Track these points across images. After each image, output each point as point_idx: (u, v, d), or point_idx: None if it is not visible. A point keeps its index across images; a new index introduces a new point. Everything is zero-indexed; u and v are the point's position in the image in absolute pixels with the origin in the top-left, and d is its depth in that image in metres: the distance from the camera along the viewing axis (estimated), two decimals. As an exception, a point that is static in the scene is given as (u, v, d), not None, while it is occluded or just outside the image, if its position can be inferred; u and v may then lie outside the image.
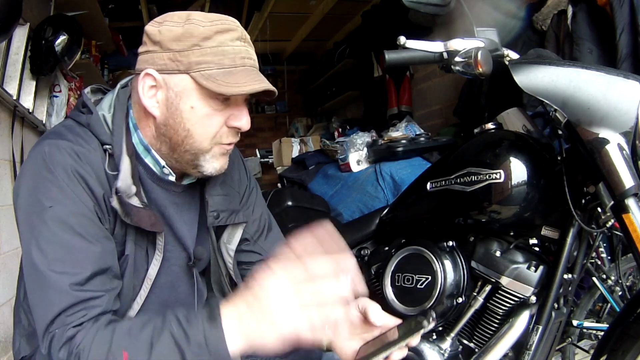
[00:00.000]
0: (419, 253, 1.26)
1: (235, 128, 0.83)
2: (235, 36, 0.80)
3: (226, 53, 0.78)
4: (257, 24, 4.56)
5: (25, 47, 2.19)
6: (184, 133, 0.81)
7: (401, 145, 2.51)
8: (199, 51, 0.77)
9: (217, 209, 0.93)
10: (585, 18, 2.05)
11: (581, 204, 1.06)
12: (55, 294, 0.72)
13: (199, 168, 0.84)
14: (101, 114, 0.83)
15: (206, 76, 0.77)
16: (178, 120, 0.80)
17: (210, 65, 0.77)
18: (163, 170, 0.87)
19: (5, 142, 2.10)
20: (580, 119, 0.98)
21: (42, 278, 0.73)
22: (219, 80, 0.76)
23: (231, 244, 0.99)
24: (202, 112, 0.79)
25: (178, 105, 0.79)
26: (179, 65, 0.78)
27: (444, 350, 1.21)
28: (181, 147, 0.82)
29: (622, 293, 1.46)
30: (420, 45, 1.09)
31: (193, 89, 0.78)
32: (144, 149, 0.86)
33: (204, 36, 0.77)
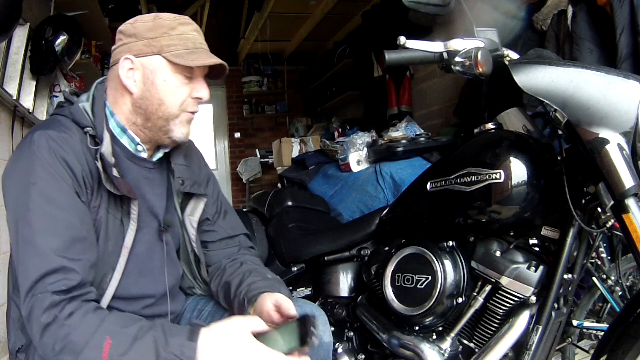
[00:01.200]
0: (419, 253, 1.26)
1: (197, 98, 1.01)
2: (192, 28, 1.00)
3: (188, 39, 0.97)
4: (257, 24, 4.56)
5: (25, 47, 2.20)
6: (158, 102, 0.97)
7: (401, 145, 2.51)
8: (168, 37, 0.96)
9: (182, 176, 1.09)
10: (585, 18, 2.05)
11: (581, 204, 1.06)
12: (38, 258, 0.83)
13: (169, 133, 1.00)
14: (81, 105, 0.98)
15: (175, 55, 0.95)
16: (153, 91, 0.97)
17: (177, 47, 0.96)
18: (137, 147, 1.02)
19: (5, 142, 2.10)
20: (580, 119, 0.98)
21: (27, 245, 0.84)
22: (185, 57, 0.95)
23: (194, 216, 1.12)
24: (173, 84, 0.97)
25: (153, 80, 0.97)
26: (152, 48, 0.96)
27: (444, 350, 1.21)
28: (155, 115, 0.98)
29: (622, 293, 1.46)
30: (420, 45, 1.09)
31: (165, 66, 0.97)
32: (120, 130, 1.00)
33: (170, 27, 0.96)
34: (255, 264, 1.15)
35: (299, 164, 3.45)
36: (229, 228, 1.19)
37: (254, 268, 1.11)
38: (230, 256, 1.17)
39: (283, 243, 1.69)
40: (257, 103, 6.03)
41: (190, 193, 1.11)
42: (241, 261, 1.15)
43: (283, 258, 1.69)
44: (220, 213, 1.19)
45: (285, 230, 1.73)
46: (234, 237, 1.20)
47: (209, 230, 1.17)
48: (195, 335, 0.81)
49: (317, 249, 1.62)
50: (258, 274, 1.09)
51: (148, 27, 0.97)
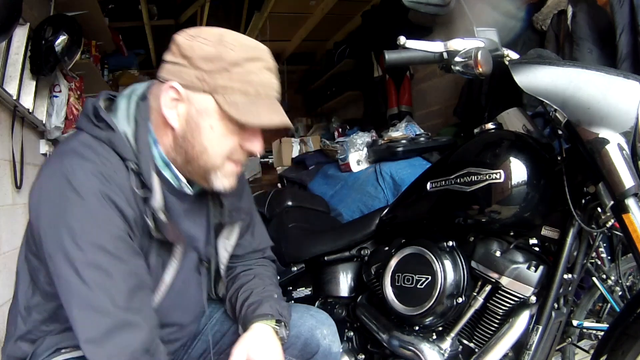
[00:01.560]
0: (419, 253, 1.26)
1: (248, 152, 0.87)
2: (263, 66, 0.84)
3: (252, 82, 0.81)
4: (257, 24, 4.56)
5: (25, 47, 2.19)
6: (201, 148, 0.84)
7: (401, 145, 2.51)
8: (227, 75, 0.80)
9: (231, 208, 0.99)
10: (585, 18, 2.05)
11: (581, 204, 1.06)
12: (98, 315, 0.75)
13: (210, 183, 0.88)
14: (122, 130, 0.83)
15: (229, 102, 0.80)
16: (196, 135, 0.83)
17: (235, 92, 0.80)
18: (181, 184, 0.90)
19: (5, 142, 2.10)
20: (580, 119, 0.98)
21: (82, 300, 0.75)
22: (241, 108, 0.80)
23: (230, 240, 1.03)
24: (220, 132, 0.83)
25: (198, 122, 0.83)
26: (204, 85, 0.81)
27: (444, 350, 1.21)
28: (196, 161, 0.85)
29: (622, 293, 1.46)
30: (420, 45, 1.09)
31: (214, 111, 0.82)
32: (163, 163, 0.88)
33: (233, 62, 0.80)
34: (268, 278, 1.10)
35: (299, 164, 3.45)
36: (255, 242, 1.13)
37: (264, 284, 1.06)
38: (247, 265, 1.13)
39: (283, 243, 1.69)
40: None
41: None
42: (254, 273, 1.10)
43: (283, 258, 1.69)
44: (249, 227, 1.12)
45: (285, 230, 1.73)
46: (259, 251, 1.15)
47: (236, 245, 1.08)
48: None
49: (317, 249, 1.62)
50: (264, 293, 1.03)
51: (206, 54, 0.80)
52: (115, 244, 0.77)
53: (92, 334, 0.75)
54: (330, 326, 1.11)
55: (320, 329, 1.09)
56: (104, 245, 0.76)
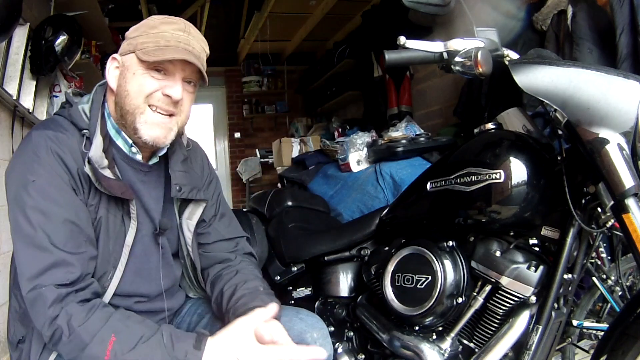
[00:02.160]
0: (419, 253, 1.26)
1: (167, 95, 0.98)
2: (177, 27, 0.99)
3: (164, 37, 0.96)
4: (257, 24, 4.56)
5: (25, 47, 2.20)
6: (125, 93, 0.98)
7: (401, 145, 2.51)
8: (145, 36, 0.97)
9: (179, 182, 1.07)
10: (585, 18, 2.05)
11: (581, 204, 1.06)
12: (37, 252, 0.86)
13: (138, 132, 0.98)
14: (80, 107, 1.00)
15: (144, 52, 0.96)
16: (123, 85, 0.98)
17: (149, 45, 0.96)
18: (131, 149, 1.02)
19: (5, 142, 2.10)
20: (580, 119, 0.98)
21: (26, 240, 0.87)
22: (150, 52, 0.95)
23: (192, 220, 1.12)
24: (140, 77, 0.97)
25: (125, 75, 0.98)
26: (130, 47, 0.98)
27: (444, 350, 1.21)
28: (124, 109, 0.98)
29: (622, 293, 1.46)
30: (420, 45, 1.09)
31: (136, 62, 0.97)
32: (115, 132, 1.02)
33: (152, 26, 0.98)
34: (250, 273, 1.14)
35: (299, 164, 3.45)
36: (224, 230, 1.19)
37: (247, 278, 1.10)
38: (226, 261, 1.17)
39: (283, 243, 1.69)
40: (257, 103, 6.03)
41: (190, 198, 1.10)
42: (237, 269, 1.14)
43: (283, 258, 1.69)
44: (217, 215, 1.19)
45: (285, 230, 1.73)
46: (230, 240, 1.19)
47: (203, 232, 1.16)
48: (202, 344, 0.85)
49: (317, 249, 1.62)
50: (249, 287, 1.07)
51: (134, 28, 1.00)
52: (59, 192, 0.90)
53: (33, 270, 0.85)
54: (320, 329, 1.09)
55: (310, 332, 1.07)
56: (48, 193, 0.89)
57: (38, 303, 0.84)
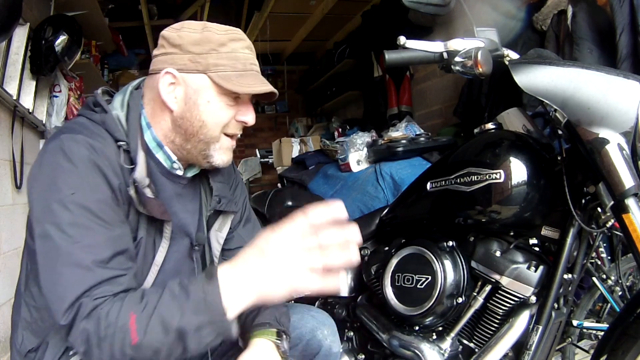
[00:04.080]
0: (419, 253, 1.26)
1: (242, 122, 0.94)
2: (244, 45, 0.92)
3: (238, 58, 0.90)
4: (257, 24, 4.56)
5: (25, 47, 2.20)
6: (199, 124, 0.91)
7: (401, 145, 2.51)
8: (216, 55, 0.88)
9: (220, 194, 1.03)
10: (585, 18, 2.05)
11: (581, 204, 1.06)
12: (80, 271, 0.77)
13: (209, 158, 0.94)
14: (115, 113, 0.90)
15: (222, 76, 0.88)
16: (195, 112, 0.90)
17: (225, 68, 0.89)
18: (173, 165, 0.96)
19: (5, 142, 2.10)
20: (580, 119, 0.98)
21: (66, 258, 0.78)
22: (233, 80, 0.88)
23: (222, 232, 1.07)
24: (217, 105, 0.91)
25: (196, 100, 0.90)
26: (197, 65, 0.88)
27: (444, 350, 1.21)
28: (195, 137, 0.92)
29: (622, 293, 1.46)
30: (420, 45, 1.09)
31: (210, 87, 0.89)
32: (156, 145, 0.94)
33: (220, 42, 0.89)
34: None
35: (299, 164, 3.44)
36: (247, 237, 1.12)
37: None
38: None
39: (283, 243, 1.69)
40: (257, 103, 6.01)
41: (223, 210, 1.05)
42: None
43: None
44: (242, 221, 1.14)
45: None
46: None
47: (228, 239, 1.10)
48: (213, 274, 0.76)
49: (317, 249, 1.62)
50: None
51: (195, 40, 0.88)
52: (100, 207, 0.81)
53: (76, 291, 0.76)
54: (330, 326, 1.12)
55: (321, 329, 1.10)
56: (89, 207, 0.80)
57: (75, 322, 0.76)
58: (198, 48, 0.88)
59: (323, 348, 1.09)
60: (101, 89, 0.97)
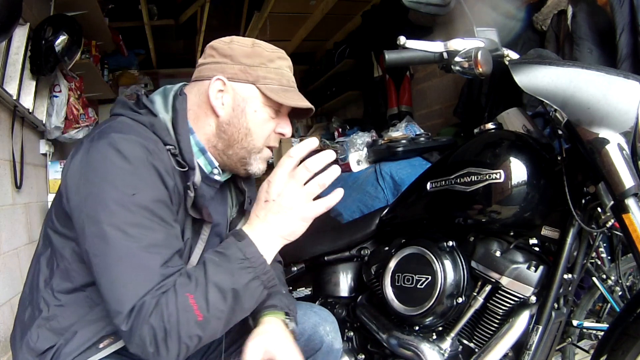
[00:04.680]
0: (419, 253, 1.26)
1: (280, 134, 1.00)
2: (288, 64, 0.99)
3: (284, 75, 0.96)
4: (257, 24, 4.56)
5: (25, 47, 2.19)
6: (245, 131, 0.95)
7: (401, 145, 2.51)
8: (265, 69, 0.94)
9: (251, 195, 1.08)
10: (585, 18, 2.05)
11: (581, 204, 1.06)
12: (147, 272, 0.79)
13: (247, 166, 0.99)
14: (161, 117, 0.92)
15: (270, 89, 0.94)
16: (242, 120, 0.95)
17: (273, 82, 0.94)
18: (213, 170, 1.00)
19: (5, 142, 2.10)
20: (580, 119, 0.98)
21: (129, 259, 0.78)
22: (280, 94, 0.94)
23: None
24: (263, 116, 0.96)
25: (244, 108, 0.94)
26: (248, 76, 0.94)
27: (444, 350, 1.21)
28: (239, 144, 0.96)
29: (622, 293, 1.46)
30: (420, 45, 1.09)
31: (258, 97, 0.95)
32: (198, 150, 0.97)
33: (269, 58, 0.95)
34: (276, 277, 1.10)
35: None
36: None
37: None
38: None
39: (283, 243, 1.69)
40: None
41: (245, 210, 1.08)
42: None
43: (283, 258, 1.69)
44: None
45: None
46: None
47: None
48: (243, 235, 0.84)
49: (317, 249, 1.62)
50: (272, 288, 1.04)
51: (246, 53, 0.94)
52: (159, 207, 0.83)
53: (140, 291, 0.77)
54: (332, 323, 1.14)
55: (323, 325, 1.12)
56: (149, 207, 0.81)
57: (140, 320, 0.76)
58: (249, 60, 0.94)
59: (325, 344, 1.10)
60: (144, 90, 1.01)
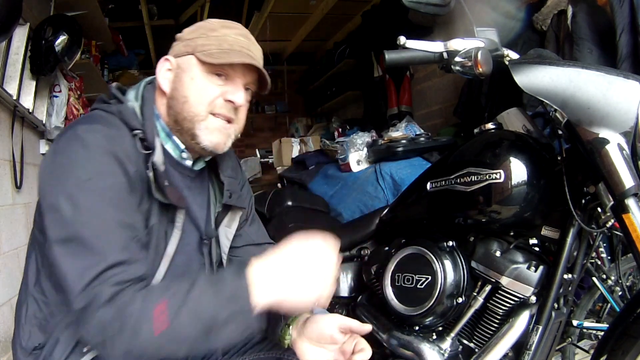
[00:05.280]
0: (419, 253, 1.26)
1: (229, 102, 0.93)
2: (238, 32, 0.95)
3: (227, 40, 0.92)
4: (257, 24, 4.56)
5: (25, 47, 2.19)
6: (183, 99, 0.92)
7: (401, 145, 2.51)
8: (205, 38, 0.93)
9: (230, 189, 1.04)
10: (585, 18, 2.05)
11: (581, 204, 1.06)
12: (94, 257, 0.77)
13: (196, 139, 0.93)
14: (130, 105, 0.93)
15: (206, 54, 0.91)
16: (180, 89, 0.93)
17: (211, 47, 0.91)
18: (182, 154, 0.98)
19: (5, 142, 2.10)
20: (580, 119, 0.98)
21: (81, 242, 0.78)
22: (215, 55, 0.90)
23: (231, 228, 1.08)
24: (200, 82, 0.92)
25: (182, 78, 0.93)
26: (187, 48, 0.94)
27: (444, 350, 1.21)
28: (181, 115, 0.93)
29: (622, 293, 1.46)
30: (420, 45, 1.09)
31: (195, 65, 0.92)
32: (165, 135, 0.96)
33: (211, 28, 0.94)
34: None
35: (299, 164, 3.45)
36: (254, 235, 1.16)
37: None
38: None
39: (283, 243, 1.69)
40: (257, 103, 6.04)
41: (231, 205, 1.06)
42: None
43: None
44: (248, 220, 1.16)
45: (285, 230, 1.73)
46: (259, 245, 1.15)
47: (235, 236, 1.11)
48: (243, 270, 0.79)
49: (317, 249, 1.62)
50: None
51: (191, 30, 0.96)
52: (115, 194, 0.82)
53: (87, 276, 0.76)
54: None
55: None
56: (106, 194, 0.81)
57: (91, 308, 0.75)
58: (191, 35, 0.95)
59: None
60: (115, 84, 1.00)
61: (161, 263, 0.93)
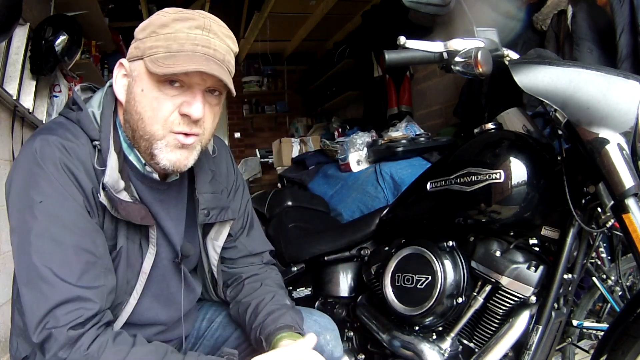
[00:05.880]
0: (419, 253, 1.26)
1: (185, 115, 0.80)
2: (194, 24, 0.79)
3: (177, 39, 0.78)
4: (257, 24, 4.56)
5: (25, 47, 2.19)
6: (137, 116, 0.81)
7: (401, 145, 2.51)
8: (155, 37, 0.79)
9: (207, 206, 0.94)
10: (585, 18, 2.05)
11: (581, 204, 1.06)
12: (47, 287, 0.73)
13: (155, 158, 0.82)
14: (90, 111, 0.84)
15: (153, 60, 0.78)
16: (132, 103, 0.81)
17: (159, 50, 0.78)
18: (145, 167, 0.87)
19: (5, 142, 2.10)
20: (580, 119, 0.98)
21: (33, 272, 0.74)
22: (160, 62, 0.77)
23: (218, 241, 1.01)
24: (151, 95, 0.80)
25: (133, 89, 0.81)
26: (137, 51, 0.81)
27: (444, 350, 1.21)
28: (137, 133, 0.82)
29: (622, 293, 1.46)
30: (420, 45, 1.09)
31: (144, 73, 0.80)
32: (127, 146, 0.86)
33: (162, 24, 0.79)
34: (275, 284, 1.06)
35: (299, 164, 3.44)
36: (251, 245, 1.08)
37: (272, 291, 1.02)
38: (251, 272, 1.08)
39: (283, 243, 1.69)
40: (257, 103, 6.04)
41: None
42: (261, 281, 1.05)
43: (283, 258, 1.69)
44: (244, 229, 1.08)
45: (285, 230, 1.73)
46: (257, 255, 1.10)
47: (229, 247, 1.05)
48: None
49: (317, 249, 1.62)
50: (277, 302, 0.99)
51: (142, 26, 0.82)
52: (71, 216, 0.76)
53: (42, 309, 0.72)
54: (332, 331, 1.09)
55: (324, 334, 1.07)
56: (58, 216, 0.75)
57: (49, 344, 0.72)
58: (141, 33, 0.81)
59: (325, 353, 1.04)
60: (80, 85, 0.93)
61: (137, 281, 0.89)
